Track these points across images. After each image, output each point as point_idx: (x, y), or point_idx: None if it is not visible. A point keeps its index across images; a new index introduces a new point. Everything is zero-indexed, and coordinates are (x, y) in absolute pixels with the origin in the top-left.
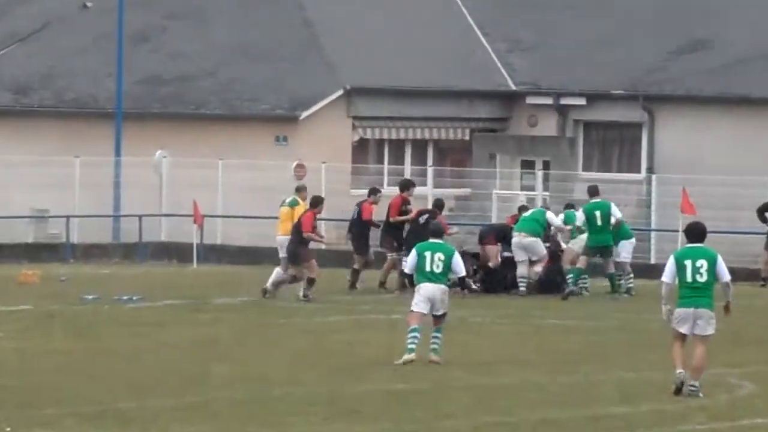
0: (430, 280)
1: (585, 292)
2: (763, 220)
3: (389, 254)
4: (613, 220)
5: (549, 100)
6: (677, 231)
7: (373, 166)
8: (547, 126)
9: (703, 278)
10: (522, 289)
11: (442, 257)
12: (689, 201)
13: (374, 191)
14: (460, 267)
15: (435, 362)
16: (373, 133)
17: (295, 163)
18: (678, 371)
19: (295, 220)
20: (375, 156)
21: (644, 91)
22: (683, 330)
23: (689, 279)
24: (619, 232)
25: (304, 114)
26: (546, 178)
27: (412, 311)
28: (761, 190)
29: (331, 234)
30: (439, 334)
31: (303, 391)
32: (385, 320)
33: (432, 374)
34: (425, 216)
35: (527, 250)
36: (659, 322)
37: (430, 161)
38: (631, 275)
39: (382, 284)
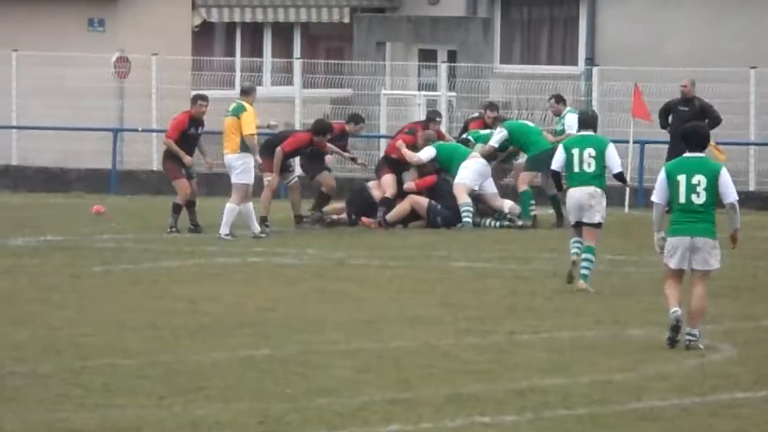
0: (579, 184)
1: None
2: (665, 124)
3: (267, 178)
4: (550, 138)
5: None
6: (627, 141)
7: (222, 59)
8: (453, 3)
9: (700, 199)
10: (467, 220)
11: (594, 153)
12: (642, 102)
13: (356, 119)
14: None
15: (583, 290)
16: (221, 15)
17: (115, 56)
18: (672, 309)
19: (245, 130)
20: (223, 46)
21: None
22: (676, 264)
23: (683, 200)
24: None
25: None
26: (452, 74)
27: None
28: (737, 86)
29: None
30: (591, 255)
31: (131, 363)
32: (239, 265)
33: (301, 336)
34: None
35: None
36: (604, 263)
37: (297, 52)
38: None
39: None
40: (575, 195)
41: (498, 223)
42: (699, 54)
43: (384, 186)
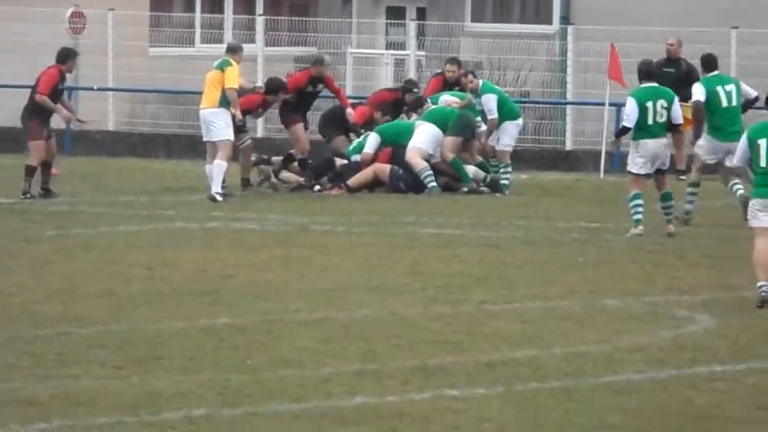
0: (653, 135)
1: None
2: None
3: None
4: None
5: None
6: (602, 104)
7: (180, 14)
8: None
9: None
10: (432, 185)
11: (665, 104)
12: (618, 63)
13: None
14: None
15: (672, 234)
16: None
17: (69, 11)
18: (760, 284)
19: (227, 83)
20: (182, 1)
21: None
22: (764, 224)
23: (763, 163)
24: (506, 109)
25: None
26: (421, 32)
27: (632, 173)
28: (717, 47)
29: (124, 108)
30: (671, 201)
31: (85, 332)
32: (198, 231)
33: (263, 305)
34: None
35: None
36: (579, 231)
37: (260, 8)
38: (510, 167)
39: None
40: (651, 146)
41: (465, 188)
42: (678, 13)
43: (339, 147)
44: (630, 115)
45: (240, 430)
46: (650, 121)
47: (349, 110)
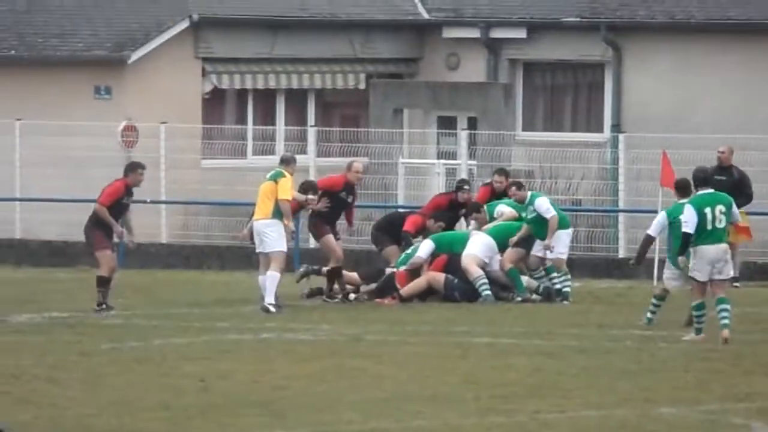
0: (713, 241)
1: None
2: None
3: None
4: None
5: (475, 33)
6: (654, 212)
7: (233, 127)
8: (474, 68)
9: None
10: (487, 293)
11: (724, 209)
12: (671, 169)
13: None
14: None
15: (727, 340)
16: (232, 82)
17: (122, 124)
18: None
19: (281, 195)
20: (235, 113)
21: (608, 18)
22: None
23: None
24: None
25: (134, 56)
26: (473, 141)
27: (696, 280)
28: None
29: (176, 221)
30: (727, 305)
31: None
32: (251, 342)
33: (316, 416)
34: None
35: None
36: (633, 339)
37: (311, 119)
38: (569, 275)
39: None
40: (711, 252)
41: (519, 298)
42: (729, 120)
43: (389, 257)
44: (689, 221)
45: None
46: (709, 227)
47: (351, 228)
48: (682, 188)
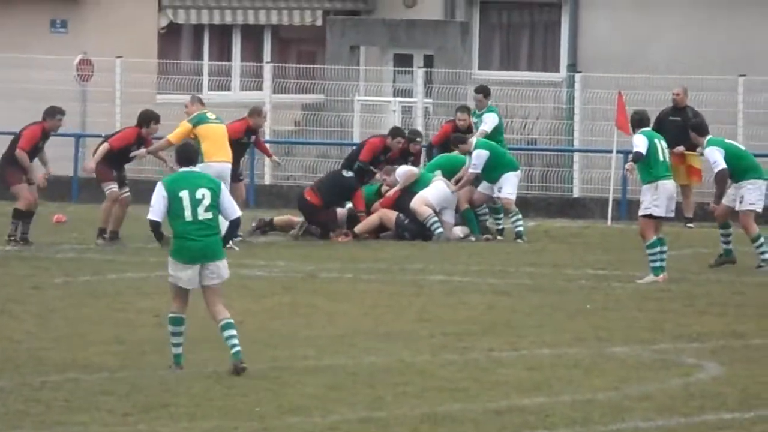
0: (669, 177)
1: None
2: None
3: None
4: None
5: None
6: (610, 152)
7: (188, 62)
8: (431, 6)
9: None
10: (439, 231)
11: (665, 146)
12: (626, 111)
13: (409, 134)
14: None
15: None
16: (188, 17)
17: (78, 58)
18: None
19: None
20: (190, 48)
21: None
22: None
23: None
24: (503, 161)
25: None
26: (429, 80)
27: (649, 216)
28: (724, 95)
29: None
30: (665, 247)
31: (93, 378)
32: None
33: (271, 352)
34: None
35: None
36: (587, 278)
37: (267, 56)
38: (520, 215)
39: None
40: (669, 187)
41: (473, 238)
42: (685, 61)
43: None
44: (640, 144)
45: None
46: (661, 158)
47: (275, 158)
48: (637, 122)
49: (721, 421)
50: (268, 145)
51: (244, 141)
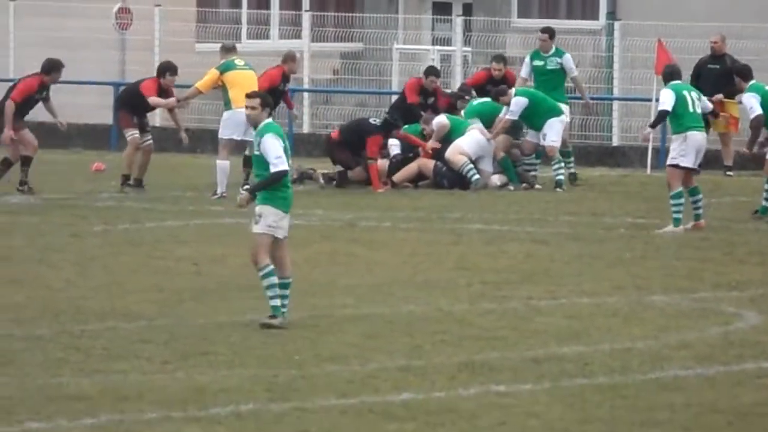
0: (700, 128)
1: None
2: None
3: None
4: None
5: None
6: (649, 100)
7: (227, 10)
8: None
9: None
10: (476, 177)
11: (697, 96)
12: (667, 58)
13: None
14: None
15: (701, 227)
16: None
17: (117, 6)
18: None
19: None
20: None
21: None
22: None
23: None
24: (545, 107)
25: None
26: (468, 28)
27: (676, 166)
28: (764, 42)
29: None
30: (699, 196)
31: (132, 327)
32: (244, 226)
33: (310, 300)
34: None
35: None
36: (626, 227)
37: (306, 4)
38: (562, 163)
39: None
40: (698, 139)
41: (512, 187)
42: (725, 8)
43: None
44: (666, 100)
45: (287, 425)
46: (691, 109)
47: (294, 111)
48: (668, 75)
49: (760, 369)
50: (306, 94)
51: (281, 88)
